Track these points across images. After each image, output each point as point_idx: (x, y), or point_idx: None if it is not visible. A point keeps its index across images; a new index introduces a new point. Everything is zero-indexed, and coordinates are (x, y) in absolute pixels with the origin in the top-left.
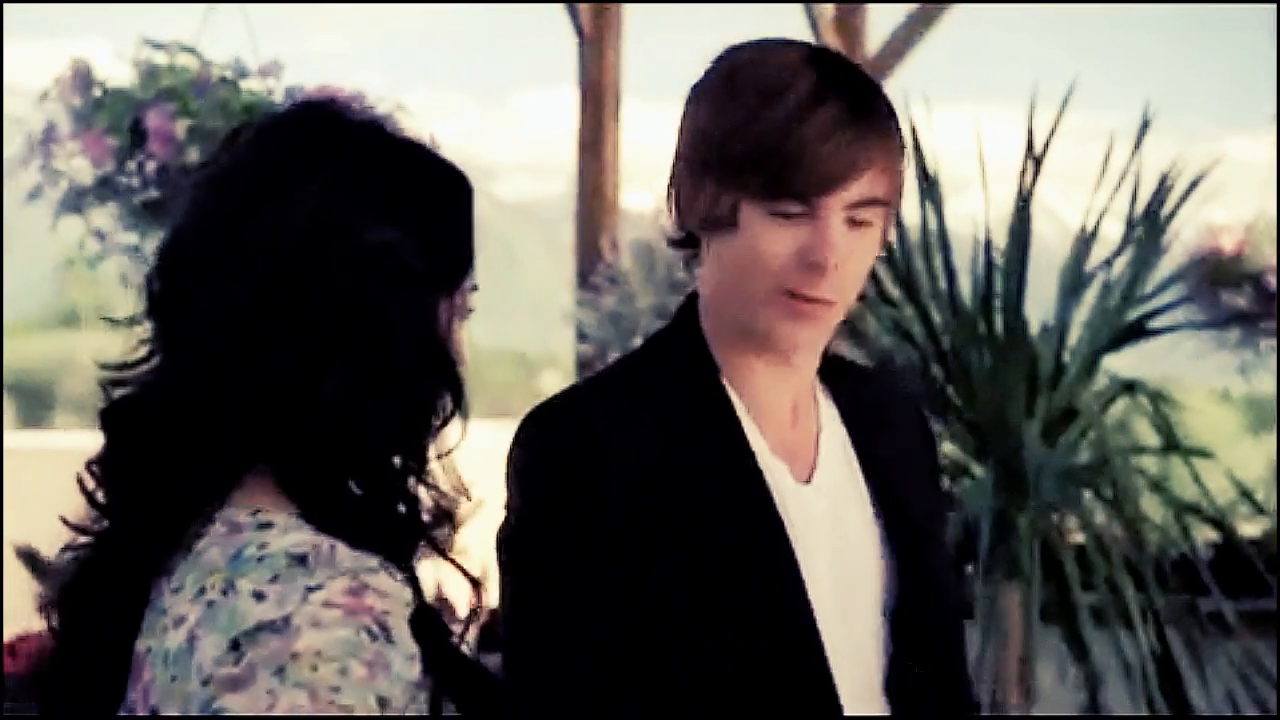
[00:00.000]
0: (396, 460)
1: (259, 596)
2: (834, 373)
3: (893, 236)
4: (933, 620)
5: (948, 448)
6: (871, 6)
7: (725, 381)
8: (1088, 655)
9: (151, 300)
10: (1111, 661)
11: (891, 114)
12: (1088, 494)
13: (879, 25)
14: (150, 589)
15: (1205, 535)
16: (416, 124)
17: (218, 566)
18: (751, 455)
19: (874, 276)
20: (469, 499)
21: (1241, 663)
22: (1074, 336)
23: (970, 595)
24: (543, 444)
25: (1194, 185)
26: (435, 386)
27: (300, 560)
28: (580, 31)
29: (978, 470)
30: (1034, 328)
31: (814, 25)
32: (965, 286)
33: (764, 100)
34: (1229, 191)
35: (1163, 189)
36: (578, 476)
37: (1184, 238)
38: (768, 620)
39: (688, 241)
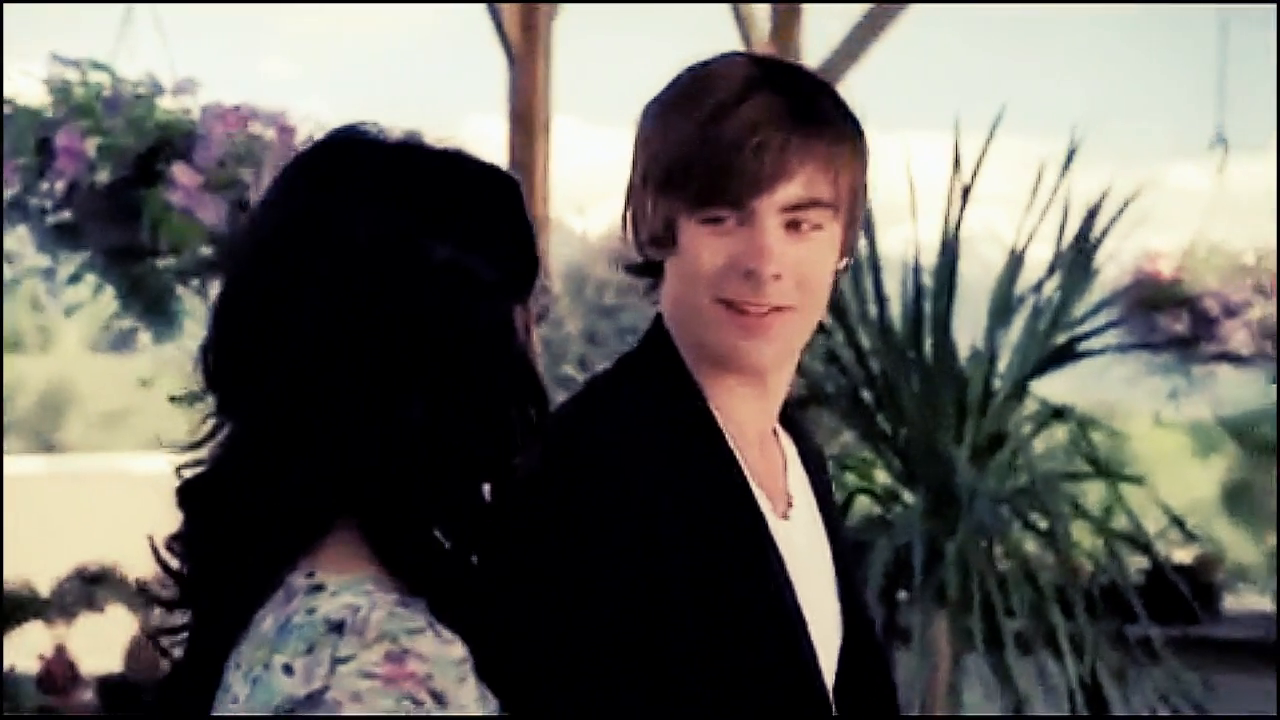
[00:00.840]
0: (487, 481)
1: (288, 670)
2: (787, 409)
3: None
4: (874, 653)
5: (878, 474)
6: (808, 30)
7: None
8: (1012, 681)
9: (208, 371)
10: (1039, 687)
11: (838, 110)
12: (1019, 520)
13: (815, 49)
14: (224, 668)
15: (1145, 561)
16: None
17: (267, 638)
18: (747, 484)
19: None
20: None
21: (1167, 688)
22: (1005, 361)
23: (902, 621)
24: (543, 473)
25: (1123, 210)
26: (519, 397)
27: (337, 628)
28: (509, 53)
29: (908, 497)
30: (967, 353)
31: (748, 47)
32: (896, 312)
33: (695, 105)
34: (1173, 217)
35: (1093, 213)
36: (575, 513)
37: (1122, 262)
38: (773, 656)
39: (650, 268)
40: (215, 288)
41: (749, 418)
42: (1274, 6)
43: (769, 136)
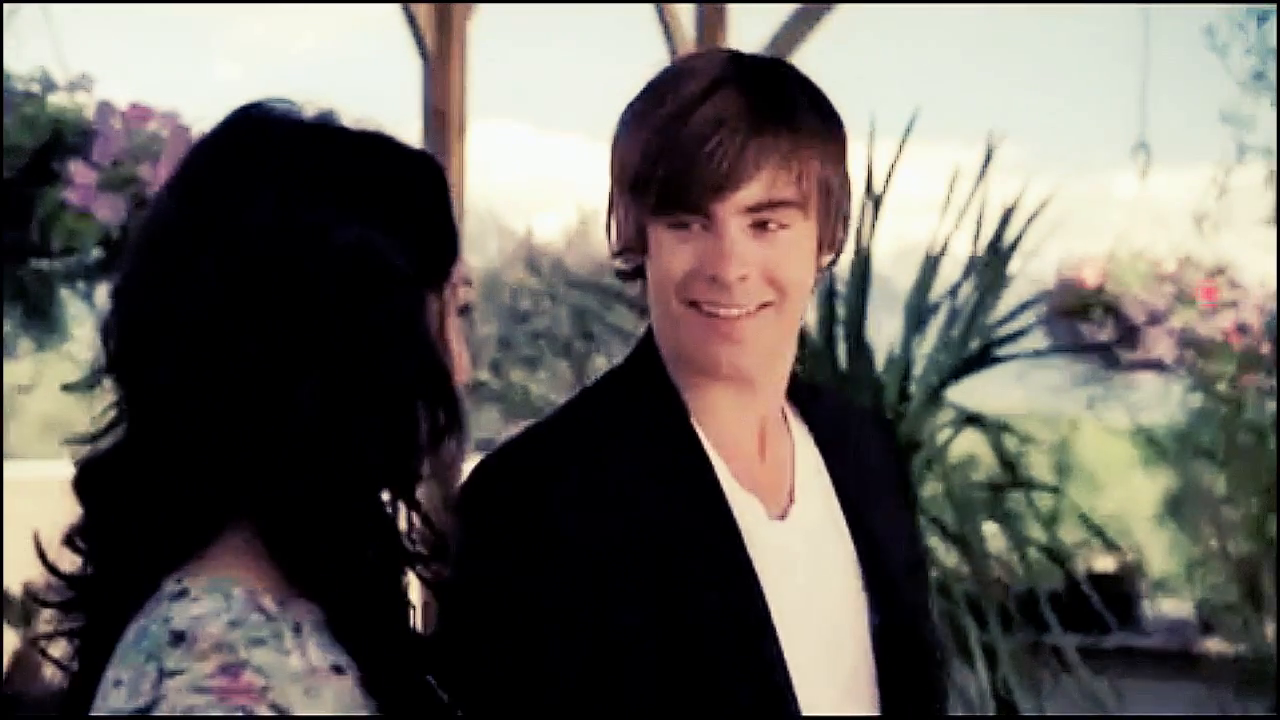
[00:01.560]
0: (385, 486)
1: (117, 684)
2: (804, 395)
3: None
4: (912, 651)
5: None
6: (735, 34)
7: (691, 413)
8: None
9: (108, 356)
10: (954, 697)
11: (810, 106)
12: (935, 529)
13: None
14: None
15: (1097, 565)
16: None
17: (123, 648)
18: (720, 494)
19: None
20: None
21: (1078, 697)
22: (920, 367)
23: None
24: (502, 487)
25: (1036, 215)
26: (426, 395)
27: (178, 639)
28: (423, 53)
29: None
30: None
31: (674, 55)
32: (810, 318)
33: (658, 106)
34: (1100, 223)
35: (1006, 218)
36: (538, 521)
37: (1045, 268)
38: (737, 670)
39: (639, 273)
40: (102, 291)
41: (738, 422)
42: (1197, 21)
43: (726, 138)
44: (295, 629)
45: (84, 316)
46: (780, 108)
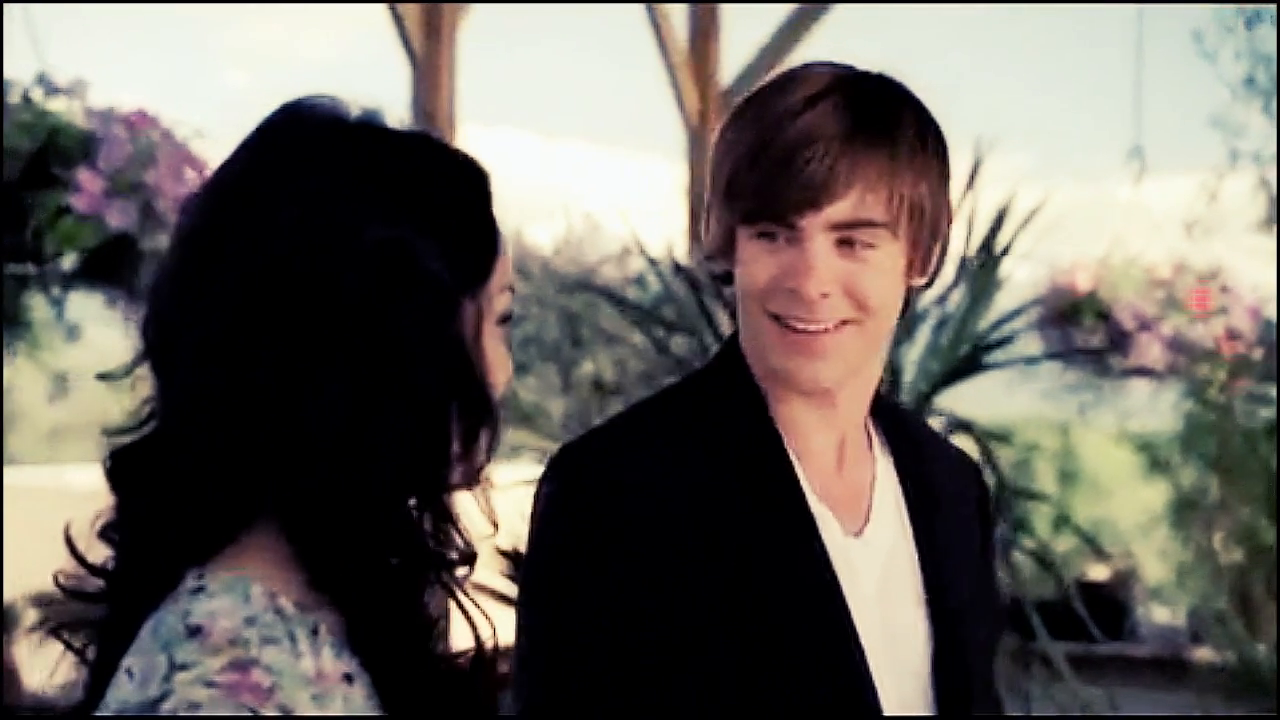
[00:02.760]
0: (412, 492)
1: (129, 673)
2: (890, 417)
3: None
4: (966, 689)
5: None
6: (728, 37)
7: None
8: None
9: (146, 347)
10: None
11: (913, 125)
12: None
13: (733, 57)
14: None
15: (1091, 574)
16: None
17: (142, 636)
18: (804, 503)
19: (707, 316)
20: (496, 531)
21: (1068, 705)
22: (910, 374)
23: None
24: (581, 483)
25: (1028, 221)
26: (457, 401)
27: (193, 632)
28: (411, 56)
29: None
30: None
31: (667, 61)
32: None
33: (759, 115)
34: (1094, 230)
35: (997, 225)
36: (617, 518)
37: (1038, 274)
38: (819, 677)
39: (726, 278)
40: (75, 300)
41: (817, 434)
42: (1191, 25)
43: (820, 151)
44: (312, 632)
45: (52, 324)
46: (880, 126)
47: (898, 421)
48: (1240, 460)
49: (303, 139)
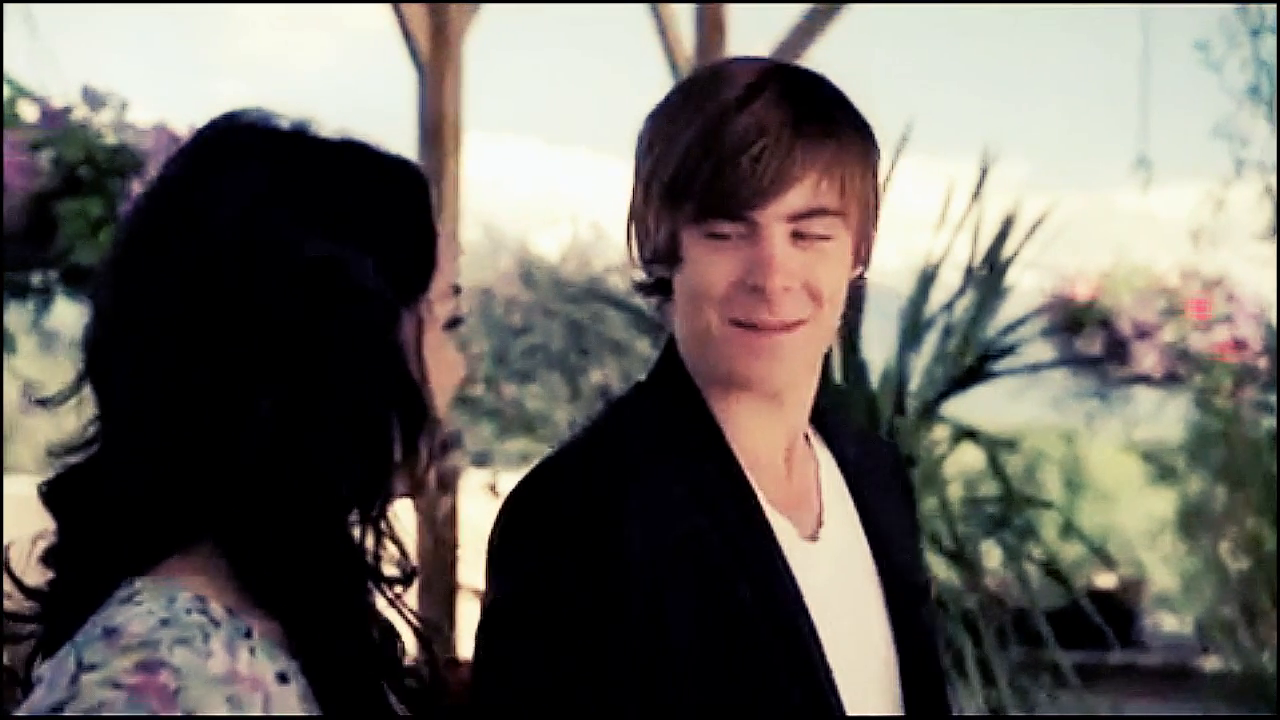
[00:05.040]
0: (352, 503)
1: (39, 680)
2: (818, 414)
3: None
4: (931, 683)
5: None
6: (733, 40)
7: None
8: None
9: (85, 366)
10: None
11: (847, 115)
12: (931, 544)
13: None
14: None
15: (1099, 582)
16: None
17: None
18: (761, 513)
19: None
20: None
21: (1075, 714)
22: (916, 382)
23: None
24: (548, 507)
25: (1034, 229)
26: (396, 411)
27: (107, 634)
28: (419, 65)
29: None
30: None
31: (674, 67)
32: None
33: (695, 112)
34: (1102, 238)
35: (1003, 233)
36: (586, 535)
37: (1047, 283)
38: (785, 692)
39: (659, 286)
40: (58, 309)
41: (766, 438)
42: (1197, 34)
43: (770, 143)
44: (244, 634)
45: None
46: (821, 116)
47: (832, 421)
48: (1246, 469)
49: (235, 152)
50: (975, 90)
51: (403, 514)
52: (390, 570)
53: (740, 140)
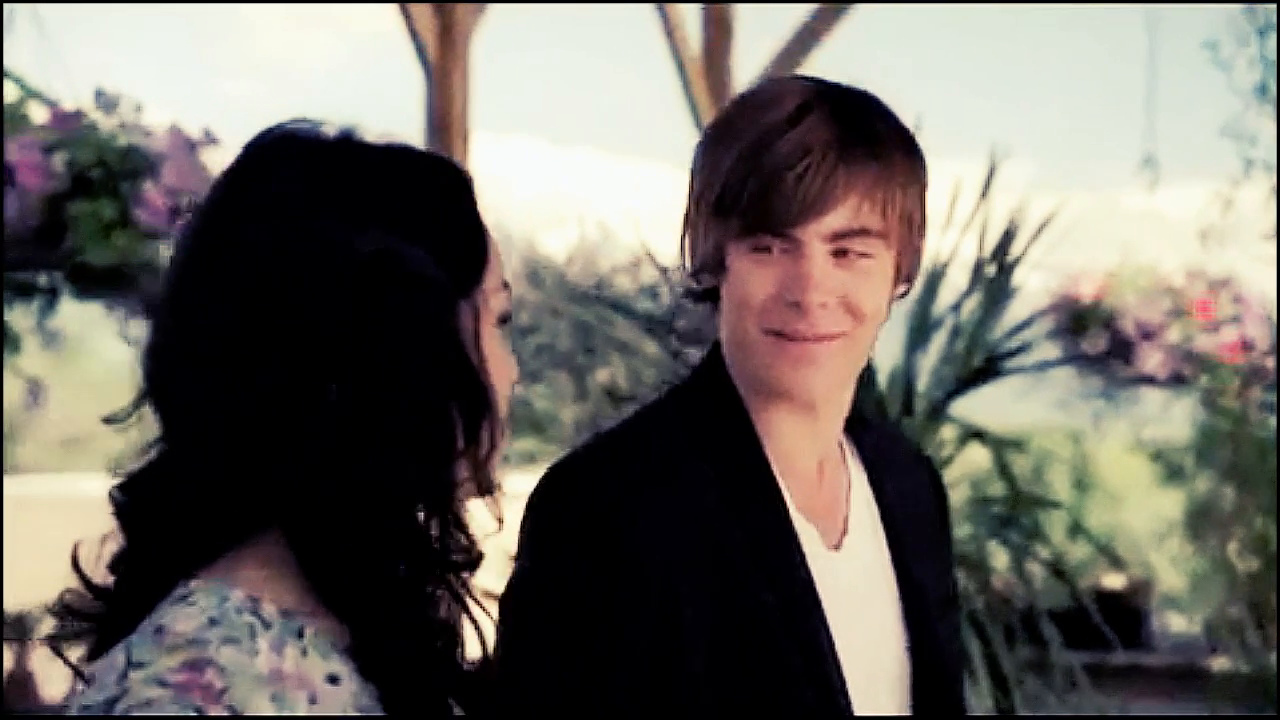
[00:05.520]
0: (417, 495)
1: (91, 678)
2: (856, 426)
3: None
4: (946, 697)
5: None
6: (739, 41)
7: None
8: None
9: (147, 377)
10: None
11: (894, 136)
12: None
13: (746, 67)
14: None
15: (1107, 583)
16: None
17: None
18: (788, 520)
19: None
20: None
21: (1084, 715)
22: (924, 382)
23: None
24: (572, 500)
25: (1041, 229)
26: (458, 402)
27: (156, 632)
28: (425, 63)
29: None
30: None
31: (680, 68)
32: None
33: (744, 129)
34: (1109, 237)
35: (1009, 233)
36: (608, 535)
37: (1054, 283)
38: (800, 695)
39: (708, 294)
40: (63, 311)
41: (801, 447)
42: (1204, 34)
43: (814, 163)
44: (297, 634)
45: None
46: (868, 136)
47: (865, 431)
48: (1254, 469)
49: (286, 161)
50: (981, 90)
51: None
52: (457, 558)
53: (785, 159)
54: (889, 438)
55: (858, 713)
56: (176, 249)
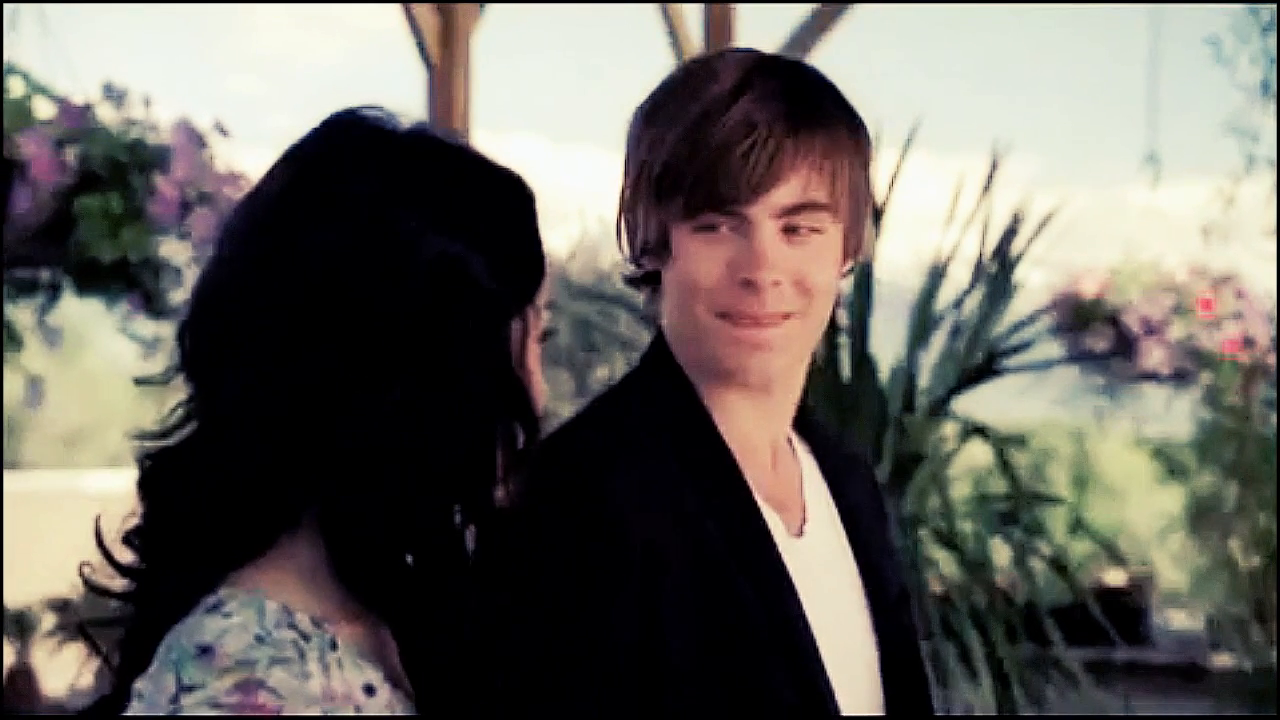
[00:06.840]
0: (458, 500)
1: (139, 696)
2: (800, 420)
3: None
4: (914, 683)
5: None
6: (741, 39)
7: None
8: None
9: (184, 354)
10: (959, 711)
11: (838, 108)
12: (939, 542)
13: None
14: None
15: (1108, 579)
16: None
17: (158, 655)
18: (754, 504)
19: None
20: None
21: (1084, 711)
22: (925, 379)
23: None
24: (560, 479)
25: (1042, 227)
26: (505, 413)
27: (203, 652)
28: (427, 62)
29: None
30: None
31: (678, 54)
32: None
33: (685, 106)
34: (1113, 234)
35: (1011, 230)
36: (599, 513)
37: (1055, 280)
38: (783, 681)
39: (648, 278)
40: (63, 307)
41: (756, 432)
42: (1206, 30)
43: (760, 137)
44: (330, 646)
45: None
46: (813, 109)
47: (811, 422)
48: (1256, 465)
49: (357, 150)
50: (983, 87)
51: None
52: None
53: (730, 135)
54: (831, 433)
55: (839, 700)
56: (232, 230)
